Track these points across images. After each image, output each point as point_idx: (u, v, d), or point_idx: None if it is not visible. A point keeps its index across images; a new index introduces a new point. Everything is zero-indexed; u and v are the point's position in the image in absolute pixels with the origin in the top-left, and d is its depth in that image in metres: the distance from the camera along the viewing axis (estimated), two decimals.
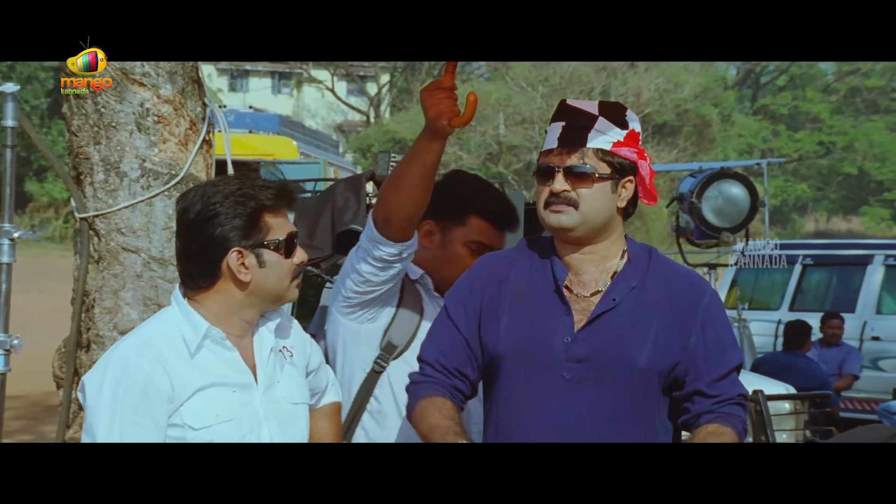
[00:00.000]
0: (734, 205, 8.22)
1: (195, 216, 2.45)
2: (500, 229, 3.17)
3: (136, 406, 2.37)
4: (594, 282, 2.63)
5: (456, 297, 2.74)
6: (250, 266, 2.47)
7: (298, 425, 2.60)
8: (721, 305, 2.68)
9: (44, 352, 4.75)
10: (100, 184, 3.55)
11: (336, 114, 45.09)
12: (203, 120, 3.70)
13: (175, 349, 2.44)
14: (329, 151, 14.33)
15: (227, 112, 9.51)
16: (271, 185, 2.52)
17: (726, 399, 2.60)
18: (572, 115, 2.62)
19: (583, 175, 2.57)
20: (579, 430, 2.51)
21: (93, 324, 3.56)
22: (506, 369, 2.61)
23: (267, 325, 2.58)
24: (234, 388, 2.47)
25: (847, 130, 39.81)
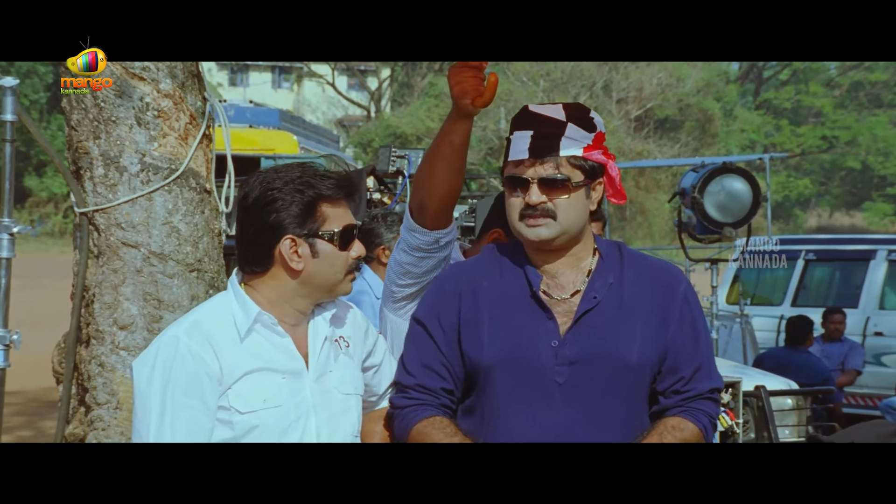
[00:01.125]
0: (736, 200, 8.22)
1: (253, 201, 2.46)
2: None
3: (187, 388, 2.37)
4: (571, 283, 2.61)
5: (429, 312, 2.68)
6: (303, 255, 2.46)
7: (349, 416, 2.58)
8: (695, 294, 2.69)
9: (43, 347, 4.75)
10: (99, 178, 3.54)
11: (336, 108, 45.08)
12: (203, 114, 3.68)
13: (225, 332, 2.44)
14: (330, 146, 14.32)
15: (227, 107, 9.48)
16: (332, 175, 2.51)
17: (696, 395, 2.61)
18: (540, 123, 2.57)
19: (559, 185, 2.54)
20: (575, 435, 2.49)
21: (92, 319, 3.55)
22: (492, 380, 2.57)
23: (323, 314, 2.57)
24: (283, 375, 2.47)
25: (850, 125, 39.79)
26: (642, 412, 2.61)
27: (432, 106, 34.76)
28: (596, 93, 33.37)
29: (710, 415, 2.61)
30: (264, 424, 2.42)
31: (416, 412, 2.63)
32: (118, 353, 3.48)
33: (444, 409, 2.64)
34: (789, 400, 6.49)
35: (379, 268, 5.13)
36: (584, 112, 2.60)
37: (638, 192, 34.62)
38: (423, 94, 37.86)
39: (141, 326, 3.49)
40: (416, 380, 2.65)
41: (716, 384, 2.65)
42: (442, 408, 2.64)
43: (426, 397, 2.64)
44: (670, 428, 2.56)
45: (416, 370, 2.66)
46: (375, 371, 2.76)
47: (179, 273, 3.56)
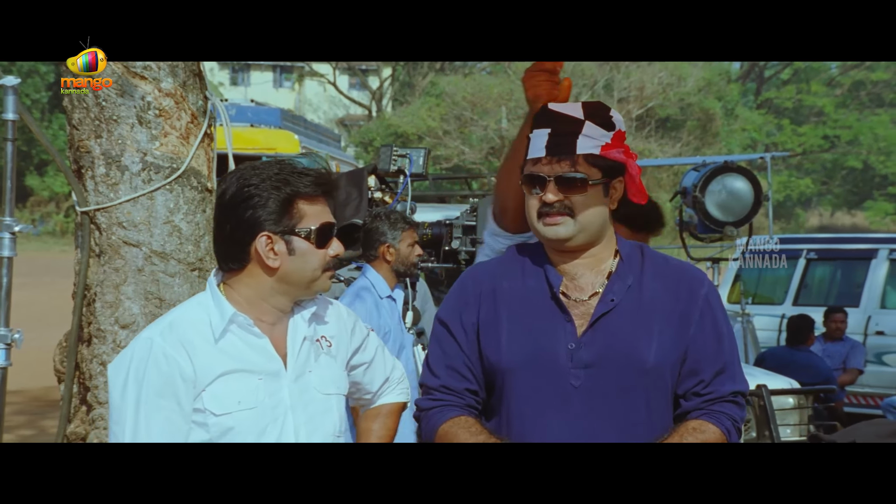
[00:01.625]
0: (738, 199, 8.21)
1: (230, 197, 2.43)
2: (636, 231, 3.09)
3: (161, 390, 2.36)
4: (591, 285, 2.59)
5: (451, 313, 2.67)
6: (280, 252, 2.43)
7: (330, 417, 2.55)
8: (718, 295, 2.65)
9: (45, 347, 4.75)
10: (101, 177, 3.54)
11: (338, 108, 45.07)
12: (204, 113, 3.69)
13: (201, 333, 2.42)
14: (331, 145, 14.31)
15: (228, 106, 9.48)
16: (310, 172, 2.48)
17: (717, 397, 2.57)
18: (558, 121, 2.56)
19: (576, 183, 2.53)
20: (594, 439, 2.47)
21: (94, 318, 3.55)
22: (512, 382, 2.56)
23: (303, 313, 2.54)
24: (260, 376, 2.44)
25: (852, 124, 39.75)
26: (664, 415, 2.57)
27: (433, 105, 34.74)
28: (597, 92, 33.34)
29: (732, 417, 2.57)
30: (240, 426, 2.40)
31: (441, 413, 2.61)
32: (119, 351, 3.48)
33: (469, 409, 2.62)
34: (791, 399, 6.49)
35: (382, 266, 5.13)
36: (603, 110, 2.59)
37: None
38: (425, 93, 37.84)
39: (142, 325, 3.48)
40: (440, 381, 2.64)
41: (739, 387, 2.60)
42: (467, 408, 2.62)
43: (451, 398, 2.62)
44: (691, 430, 2.52)
45: (440, 371, 2.65)
46: (367, 368, 2.75)
47: (181, 272, 3.56)
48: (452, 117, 33.39)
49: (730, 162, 8.71)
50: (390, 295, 5.14)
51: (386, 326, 4.96)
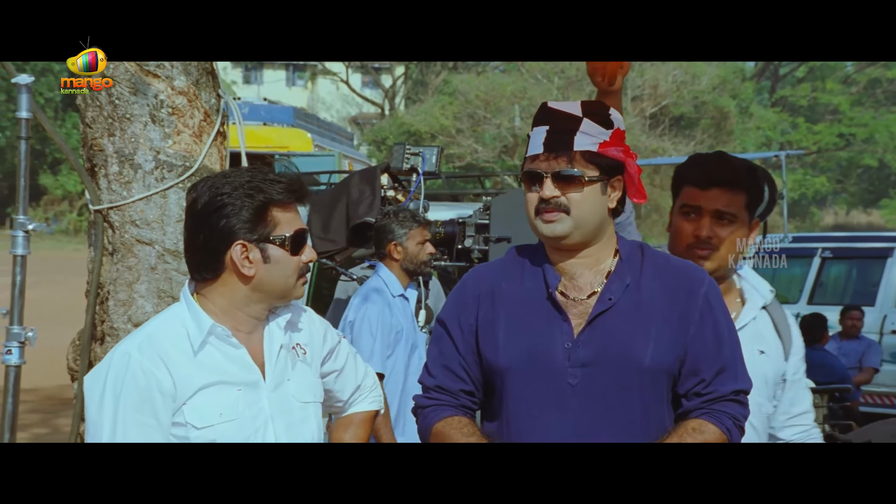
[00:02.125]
0: None
1: (202, 207, 2.41)
2: (703, 188, 3.03)
3: (139, 405, 2.34)
4: (589, 284, 2.58)
5: (451, 313, 2.68)
6: (255, 261, 2.42)
7: (308, 425, 2.54)
8: (719, 294, 2.64)
9: (58, 345, 4.75)
10: (114, 176, 3.54)
11: (351, 106, 45.10)
12: (217, 112, 3.68)
13: (179, 346, 2.40)
14: (344, 144, 14.32)
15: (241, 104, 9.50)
16: (283, 179, 2.46)
17: (719, 397, 2.55)
18: (556, 119, 2.56)
19: (572, 179, 2.52)
20: (590, 438, 2.47)
21: (107, 316, 3.55)
22: (510, 383, 2.56)
23: (277, 321, 2.53)
24: (239, 387, 2.43)
25: (867, 122, 39.55)
26: (661, 415, 2.57)
27: (446, 104, 34.73)
28: None
29: (733, 416, 2.56)
30: (221, 438, 2.38)
31: (435, 412, 2.63)
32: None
33: (464, 410, 2.64)
34: None
35: (393, 264, 5.12)
36: (602, 109, 2.59)
37: (653, 190, 34.52)
38: (438, 91, 37.84)
39: None
40: (436, 381, 2.66)
41: (741, 386, 2.59)
42: (462, 408, 2.63)
43: (446, 398, 2.64)
44: (690, 430, 2.51)
45: (436, 371, 2.67)
46: (337, 375, 2.73)
47: None
48: (465, 116, 33.37)
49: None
50: (403, 294, 5.12)
51: (398, 325, 4.95)
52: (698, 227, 2.97)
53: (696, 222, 2.98)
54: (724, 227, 2.96)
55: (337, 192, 5.81)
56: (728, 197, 2.95)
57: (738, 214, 2.97)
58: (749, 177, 3.01)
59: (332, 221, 5.67)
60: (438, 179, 7.50)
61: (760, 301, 3.11)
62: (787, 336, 3.08)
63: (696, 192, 3.00)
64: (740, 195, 2.97)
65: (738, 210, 2.97)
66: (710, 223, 2.96)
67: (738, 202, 2.97)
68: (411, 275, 5.17)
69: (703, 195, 2.99)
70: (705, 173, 3.00)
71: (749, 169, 3.03)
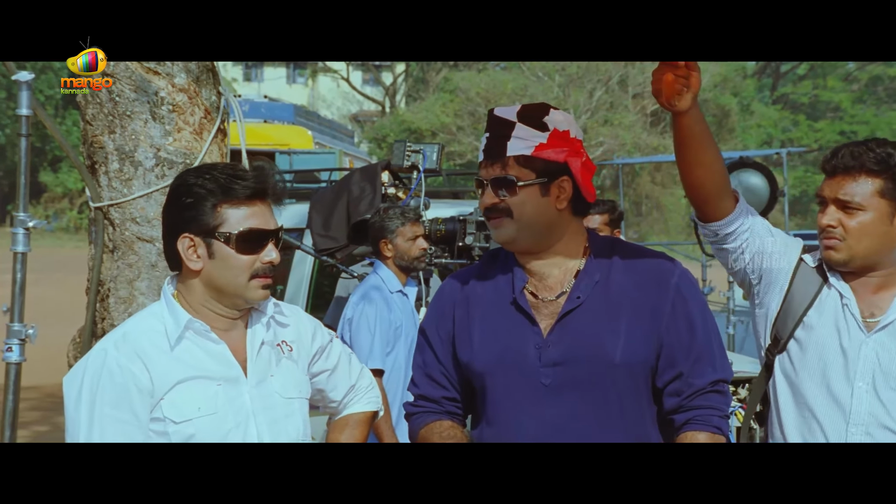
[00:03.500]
0: (753, 195, 8.18)
1: (167, 197, 2.43)
2: (829, 176, 2.92)
3: (116, 402, 2.32)
4: (559, 284, 2.59)
5: (430, 322, 2.73)
6: (201, 255, 2.39)
7: (293, 421, 2.52)
8: (692, 283, 2.63)
9: (59, 342, 4.75)
10: (114, 173, 3.54)
11: (351, 104, 45.10)
12: (218, 109, 3.68)
13: (155, 343, 2.39)
14: (344, 141, 14.32)
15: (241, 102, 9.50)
16: (246, 175, 2.41)
17: (697, 391, 2.56)
18: (494, 125, 2.59)
19: (506, 184, 2.54)
20: (567, 435, 2.48)
21: (108, 314, 3.55)
22: (486, 385, 2.59)
23: (262, 319, 2.51)
24: (219, 382, 2.41)
25: (869, 120, 39.57)
26: (643, 410, 2.58)
27: (447, 101, 34.73)
28: (612, 88, 33.31)
29: (717, 409, 2.56)
30: (201, 432, 2.36)
31: (420, 419, 2.70)
32: None
33: (449, 416, 2.69)
34: None
35: (387, 261, 5.13)
36: (538, 112, 2.58)
37: (654, 188, 34.55)
38: (438, 89, 37.84)
39: None
40: (419, 390, 2.72)
41: (720, 375, 2.58)
42: (446, 414, 2.69)
43: (430, 405, 2.69)
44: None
45: (419, 380, 2.72)
46: (329, 375, 2.71)
47: None
48: (466, 113, 33.37)
49: (746, 158, 8.69)
50: (401, 290, 5.13)
51: (397, 321, 4.95)
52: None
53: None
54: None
55: (338, 189, 5.81)
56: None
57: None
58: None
59: (333, 219, 5.67)
60: (439, 177, 7.50)
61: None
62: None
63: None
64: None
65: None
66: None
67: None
68: (406, 271, 5.17)
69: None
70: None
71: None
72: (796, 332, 2.89)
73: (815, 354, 2.86)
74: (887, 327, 2.82)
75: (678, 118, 2.70)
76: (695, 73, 2.60)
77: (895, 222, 2.83)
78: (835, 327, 2.86)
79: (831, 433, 2.82)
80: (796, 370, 2.89)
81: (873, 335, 2.82)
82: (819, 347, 2.86)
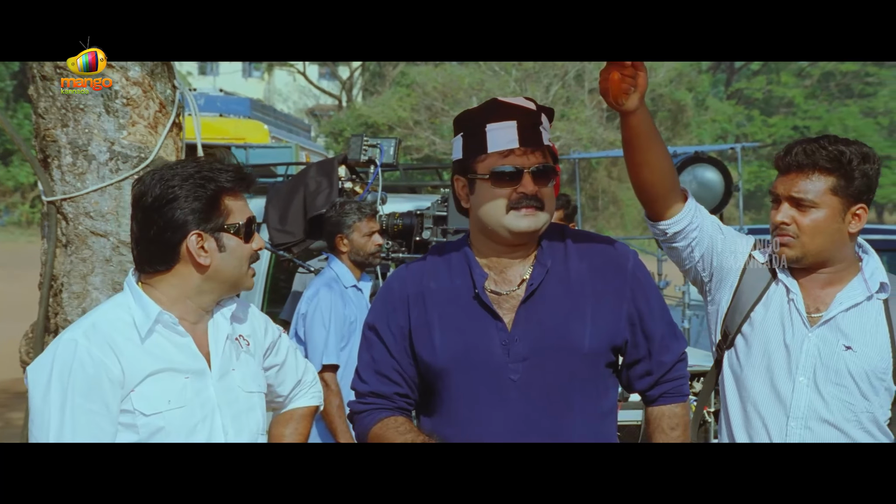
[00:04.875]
0: (708, 190, 8.27)
1: (153, 200, 2.40)
2: (783, 173, 2.94)
3: (87, 392, 2.32)
4: (518, 276, 2.61)
5: (379, 317, 2.69)
6: (210, 250, 2.43)
7: (254, 415, 2.55)
8: (643, 266, 2.69)
9: (11, 338, 4.70)
10: (67, 167, 3.50)
11: (308, 98, 44.89)
12: (173, 103, 3.65)
13: (125, 334, 2.39)
14: (301, 135, 14.25)
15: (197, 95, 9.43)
16: (230, 168, 2.48)
17: (668, 369, 2.67)
18: (521, 114, 2.57)
19: (548, 174, 2.56)
20: (535, 430, 2.50)
21: (61, 309, 3.52)
22: (450, 381, 2.57)
23: (222, 311, 2.54)
24: (186, 375, 2.43)
25: (821, 115, 39.98)
26: (608, 392, 2.63)
27: (404, 95, 34.68)
28: (568, 83, 33.41)
29: (684, 377, 2.69)
30: (170, 425, 2.38)
31: (370, 416, 2.66)
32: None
33: (400, 411, 2.66)
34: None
35: (342, 256, 5.13)
36: (547, 107, 2.64)
37: (611, 182, 34.73)
38: (395, 83, 37.78)
39: None
40: (369, 387, 2.68)
41: (681, 348, 2.70)
42: (398, 410, 2.66)
43: (382, 402, 2.66)
44: (667, 430, 2.65)
45: (369, 378, 2.68)
46: (278, 370, 2.73)
47: None
48: (423, 107, 33.35)
49: (700, 153, 8.77)
50: (355, 285, 5.13)
51: (352, 316, 4.96)
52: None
53: None
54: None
55: (294, 183, 5.79)
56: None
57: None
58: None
59: (290, 213, 5.65)
60: (396, 171, 7.49)
61: (861, 294, 2.90)
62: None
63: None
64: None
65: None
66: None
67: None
68: (361, 266, 5.17)
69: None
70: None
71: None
72: (743, 327, 2.93)
73: (760, 350, 2.90)
74: (829, 322, 2.86)
75: (626, 118, 2.72)
76: (642, 72, 2.62)
77: (846, 219, 2.87)
78: (780, 322, 2.89)
79: (773, 428, 2.86)
80: (742, 366, 2.93)
81: (815, 329, 2.86)
82: (763, 343, 2.90)
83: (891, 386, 2.84)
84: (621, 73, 2.61)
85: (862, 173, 2.85)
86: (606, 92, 2.65)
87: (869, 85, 40.56)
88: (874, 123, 37.61)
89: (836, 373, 2.82)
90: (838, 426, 2.82)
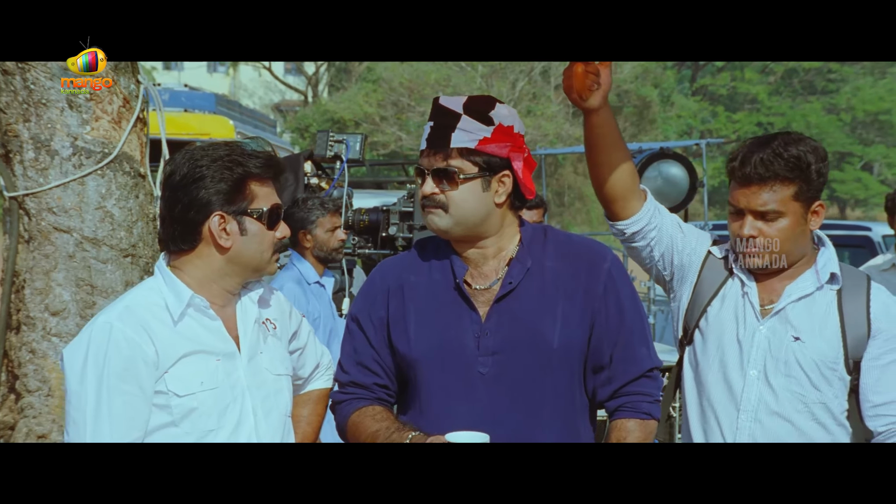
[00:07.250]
0: (673, 185, 8.32)
1: (181, 178, 2.45)
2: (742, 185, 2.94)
3: (123, 374, 2.36)
4: (494, 272, 2.63)
5: (361, 309, 2.73)
6: (231, 232, 2.46)
7: (282, 396, 2.60)
8: (623, 270, 2.69)
9: None
10: (30, 162, 3.47)
11: (273, 93, 44.67)
12: (137, 98, 3.63)
13: (158, 316, 2.44)
14: (266, 131, 14.21)
15: (161, 90, 9.37)
16: (260, 154, 2.51)
17: (630, 380, 2.62)
18: (440, 115, 2.60)
19: (448, 176, 2.57)
20: (501, 425, 2.50)
21: (23, 305, 3.49)
22: (422, 373, 2.61)
23: (250, 295, 2.59)
24: (217, 357, 2.47)
25: (785, 112, 40.26)
26: (575, 394, 2.63)
27: (370, 91, 34.60)
28: (534, 78, 33.48)
29: (648, 395, 2.62)
30: (202, 406, 2.42)
31: (349, 405, 2.70)
32: (50, 339, 3.43)
33: (379, 402, 2.70)
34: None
35: (305, 252, 5.13)
36: (485, 105, 2.60)
37: (577, 178, 34.81)
38: (361, 79, 37.68)
39: (73, 312, 3.44)
40: (350, 377, 2.72)
41: (652, 363, 2.65)
42: (377, 400, 2.70)
43: (361, 392, 2.70)
44: (616, 432, 2.62)
45: (350, 368, 2.72)
46: (300, 354, 2.80)
47: (113, 258, 3.51)
48: (389, 103, 33.29)
49: (666, 148, 8.83)
50: (318, 281, 5.13)
51: (315, 312, 4.96)
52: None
53: None
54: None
55: None
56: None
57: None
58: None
59: None
60: (362, 167, 7.50)
61: (812, 285, 2.92)
62: (858, 319, 2.87)
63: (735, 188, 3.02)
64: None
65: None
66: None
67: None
68: (324, 262, 5.17)
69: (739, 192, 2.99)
70: None
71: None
72: (700, 322, 2.96)
73: (714, 344, 2.92)
74: (779, 313, 2.89)
75: (589, 117, 2.75)
76: (605, 70, 2.64)
77: (808, 218, 2.90)
78: (734, 316, 2.92)
79: (724, 422, 2.88)
80: (698, 361, 2.96)
81: (766, 322, 2.89)
82: (718, 337, 2.92)
83: (844, 376, 2.86)
84: (585, 69, 2.63)
85: (818, 173, 2.88)
86: (570, 89, 2.69)
87: (832, 82, 40.88)
88: (836, 120, 37.87)
89: (786, 364, 2.84)
90: (788, 418, 2.84)
